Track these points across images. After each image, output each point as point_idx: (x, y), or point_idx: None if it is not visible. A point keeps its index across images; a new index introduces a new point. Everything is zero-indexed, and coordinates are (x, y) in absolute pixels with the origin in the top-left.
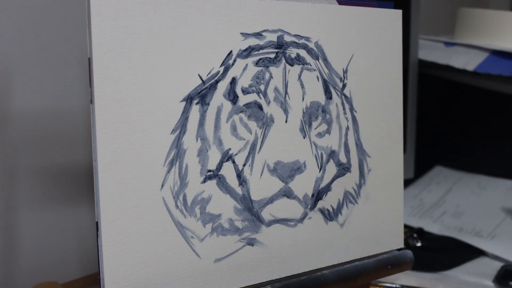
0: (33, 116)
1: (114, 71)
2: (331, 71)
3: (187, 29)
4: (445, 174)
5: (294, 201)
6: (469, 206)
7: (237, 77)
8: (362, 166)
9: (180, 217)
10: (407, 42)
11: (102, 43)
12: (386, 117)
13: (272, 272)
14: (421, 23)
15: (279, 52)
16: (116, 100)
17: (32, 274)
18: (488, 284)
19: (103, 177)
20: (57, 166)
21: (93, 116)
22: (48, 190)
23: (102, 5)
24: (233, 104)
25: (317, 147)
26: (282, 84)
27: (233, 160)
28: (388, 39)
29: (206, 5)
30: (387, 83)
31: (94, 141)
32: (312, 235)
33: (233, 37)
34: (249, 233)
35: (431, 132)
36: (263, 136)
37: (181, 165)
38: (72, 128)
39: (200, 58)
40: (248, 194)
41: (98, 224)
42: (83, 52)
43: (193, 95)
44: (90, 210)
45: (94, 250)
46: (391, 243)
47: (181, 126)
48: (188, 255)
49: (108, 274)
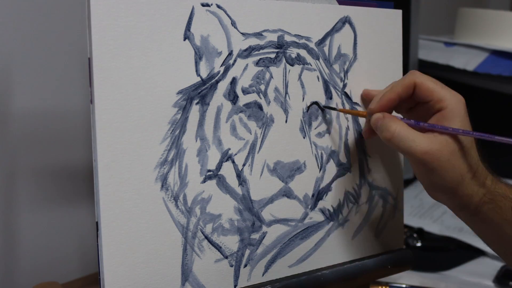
0: (33, 116)
1: (114, 71)
2: (332, 71)
3: (187, 29)
4: None
5: (294, 201)
6: None
7: (237, 77)
8: (362, 166)
9: (180, 217)
10: (407, 42)
11: (102, 43)
12: None
13: (272, 272)
14: (421, 23)
15: (280, 52)
16: (116, 100)
17: (32, 274)
18: (488, 284)
19: (103, 177)
20: (57, 166)
21: (93, 116)
22: (48, 190)
23: (102, 5)
24: (233, 104)
25: (317, 147)
26: (282, 84)
27: (233, 160)
28: (388, 39)
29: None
30: (388, 83)
31: (94, 141)
32: (313, 235)
33: (233, 37)
34: (250, 233)
35: None
36: (263, 136)
37: (181, 165)
38: (72, 128)
39: (200, 58)
40: (248, 194)
41: (98, 224)
42: (83, 52)
43: (193, 95)
44: (90, 210)
45: (94, 250)
46: (391, 243)
47: (181, 126)
48: (188, 255)
49: (108, 274)
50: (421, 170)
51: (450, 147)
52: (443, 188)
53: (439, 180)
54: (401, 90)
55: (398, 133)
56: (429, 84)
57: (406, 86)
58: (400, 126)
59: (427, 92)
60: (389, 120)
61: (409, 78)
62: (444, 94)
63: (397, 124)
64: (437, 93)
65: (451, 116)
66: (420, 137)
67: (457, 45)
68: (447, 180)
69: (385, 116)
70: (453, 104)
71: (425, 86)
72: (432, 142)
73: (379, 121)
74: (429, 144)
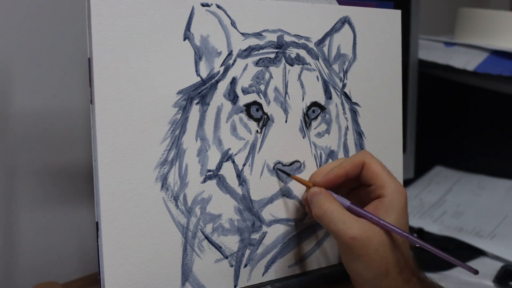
0: (33, 116)
1: (114, 71)
2: (331, 71)
3: (187, 29)
4: (445, 174)
5: (294, 201)
6: (469, 206)
7: (237, 77)
8: None
9: (180, 217)
10: (407, 42)
11: (102, 43)
12: (386, 117)
13: (272, 272)
14: (421, 23)
15: (279, 52)
16: (116, 100)
17: (32, 274)
18: (488, 284)
19: (103, 177)
20: (57, 166)
21: (93, 116)
22: (48, 190)
23: (102, 5)
24: (233, 104)
25: (316, 147)
26: (282, 84)
27: (233, 160)
28: (388, 39)
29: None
30: (387, 83)
31: (94, 141)
32: (313, 235)
33: (233, 37)
34: (250, 233)
35: (431, 132)
36: (263, 136)
37: (181, 165)
38: (72, 128)
39: (200, 58)
40: (248, 194)
41: (98, 224)
42: (83, 52)
43: (193, 95)
44: (90, 210)
45: (94, 250)
46: None
47: (181, 126)
48: (188, 255)
49: (108, 274)
50: (347, 255)
51: (381, 238)
52: (366, 279)
53: (363, 269)
54: (349, 168)
55: (330, 212)
56: (376, 167)
57: (355, 165)
58: (333, 205)
59: (372, 175)
60: (324, 197)
61: (358, 157)
62: (387, 182)
63: (330, 203)
64: (381, 179)
65: (389, 207)
66: (351, 220)
67: (457, 45)
68: (372, 270)
69: (322, 192)
70: (394, 195)
71: (372, 168)
72: (363, 229)
73: (314, 196)
74: (359, 229)
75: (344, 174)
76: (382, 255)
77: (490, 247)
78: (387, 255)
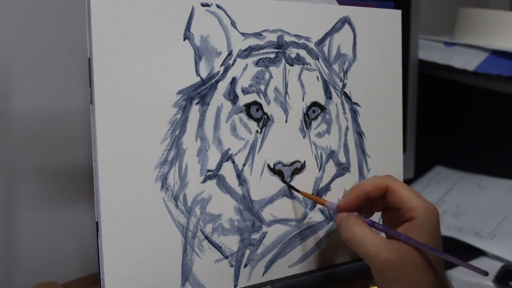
0: (33, 116)
1: (114, 71)
2: (331, 71)
3: (187, 29)
4: (445, 174)
5: (294, 201)
6: (469, 206)
7: (237, 77)
8: (361, 166)
9: (180, 217)
10: (407, 42)
11: (102, 43)
12: (386, 117)
13: (272, 272)
14: (421, 23)
15: (279, 52)
16: (116, 100)
17: (32, 274)
18: (488, 284)
19: (103, 177)
20: (57, 166)
21: (93, 116)
22: (48, 190)
23: (102, 5)
24: (233, 104)
25: (316, 147)
26: (282, 84)
27: (233, 160)
28: (388, 39)
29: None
30: (387, 83)
31: (94, 141)
32: (313, 235)
33: (233, 37)
34: (250, 233)
35: (431, 132)
36: (263, 136)
37: (181, 165)
38: (72, 128)
39: (200, 58)
40: (248, 194)
41: (98, 224)
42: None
43: (193, 95)
44: (90, 210)
45: (94, 250)
46: None
47: (181, 126)
48: (188, 255)
49: (108, 274)
50: (379, 278)
51: (414, 259)
52: None
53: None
54: (370, 189)
55: (360, 235)
56: (402, 191)
57: (377, 187)
58: (363, 228)
59: (399, 199)
60: (352, 221)
61: (382, 181)
62: (415, 204)
63: (360, 226)
64: (409, 202)
65: (420, 228)
66: (382, 243)
67: (457, 45)
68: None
69: (350, 216)
70: (424, 216)
71: (398, 193)
72: (394, 250)
73: (343, 221)
74: (391, 252)
75: (365, 194)
76: (416, 276)
77: (490, 247)
78: (421, 277)
